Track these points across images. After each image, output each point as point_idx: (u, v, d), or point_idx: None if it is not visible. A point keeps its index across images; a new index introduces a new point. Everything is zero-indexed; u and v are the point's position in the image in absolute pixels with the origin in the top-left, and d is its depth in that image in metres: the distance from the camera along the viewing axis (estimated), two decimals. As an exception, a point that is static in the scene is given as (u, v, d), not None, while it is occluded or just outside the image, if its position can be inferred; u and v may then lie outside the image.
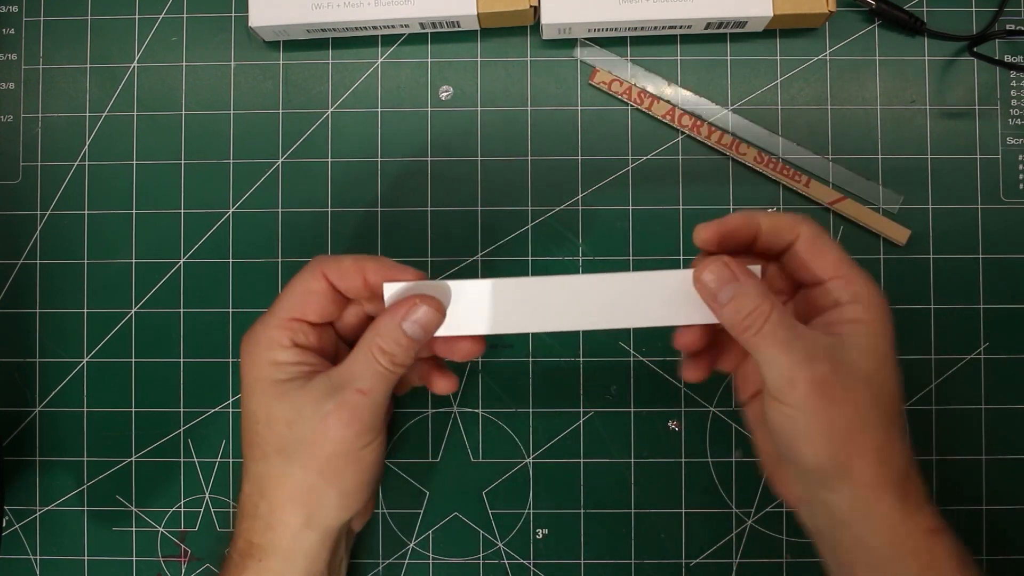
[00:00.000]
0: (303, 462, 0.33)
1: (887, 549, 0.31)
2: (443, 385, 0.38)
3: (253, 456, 0.34)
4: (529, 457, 0.43)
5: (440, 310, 0.34)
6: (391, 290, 0.34)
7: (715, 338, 0.36)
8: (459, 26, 0.43)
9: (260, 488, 0.34)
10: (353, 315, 0.37)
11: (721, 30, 0.43)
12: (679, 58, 0.43)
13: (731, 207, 0.43)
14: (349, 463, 0.34)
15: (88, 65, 0.44)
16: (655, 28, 0.42)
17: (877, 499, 0.31)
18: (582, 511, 0.43)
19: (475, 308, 0.34)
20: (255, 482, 0.34)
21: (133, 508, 0.43)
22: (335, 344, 0.37)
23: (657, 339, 0.43)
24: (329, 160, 0.43)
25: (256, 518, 0.34)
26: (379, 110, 0.44)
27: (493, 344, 0.43)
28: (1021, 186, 0.43)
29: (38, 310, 0.43)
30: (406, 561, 0.43)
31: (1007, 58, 0.43)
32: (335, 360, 0.36)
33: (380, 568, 0.43)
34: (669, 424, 0.43)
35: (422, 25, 0.42)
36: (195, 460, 0.43)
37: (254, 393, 0.34)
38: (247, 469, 0.35)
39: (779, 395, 0.31)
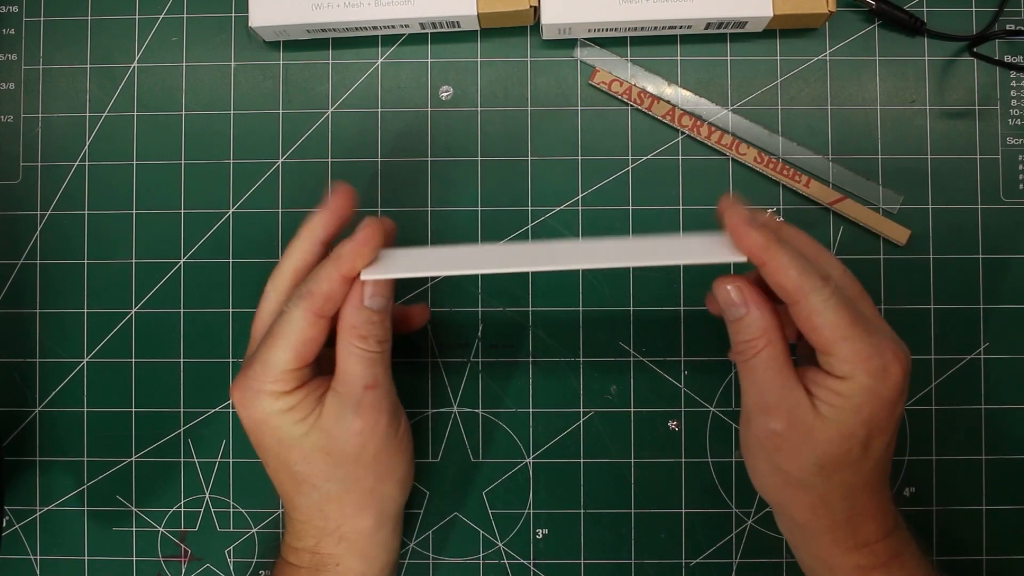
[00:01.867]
0: (356, 474, 0.34)
1: (821, 570, 0.35)
2: (418, 317, 0.39)
3: (301, 492, 0.35)
4: (529, 457, 0.43)
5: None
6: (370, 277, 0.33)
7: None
8: (459, 26, 0.43)
9: (320, 512, 0.35)
10: None
11: (721, 30, 0.43)
12: (679, 58, 0.43)
13: (731, 207, 0.43)
14: (393, 453, 0.35)
15: (88, 65, 0.44)
16: (655, 28, 0.42)
17: (812, 536, 0.34)
18: (582, 511, 0.43)
19: (453, 256, 0.34)
20: (310, 510, 0.35)
21: (133, 508, 0.43)
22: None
23: (657, 339, 0.43)
24: (329, 160, 0.43)
25: (324, 535, 0.35)
26: (379, 110, 0.44)
27: (493, 344, 0.43)
28: (1021, 186, 0.43)
29: (38, 310, 0.43)
30: (406, 561, 0.43)
31: (1007, 58, 0.43)
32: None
33: (380, 568, 0.43)
34: (669, 424, 0.43)
35: (422, 25, 0.42)
36: (195, 460, 0.43)
37: (280, 446, 0.34)
38: (294, 504, 0.35)
39: (743, 423, 0.34)
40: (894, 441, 0.34)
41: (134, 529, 0.43)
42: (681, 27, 0.42)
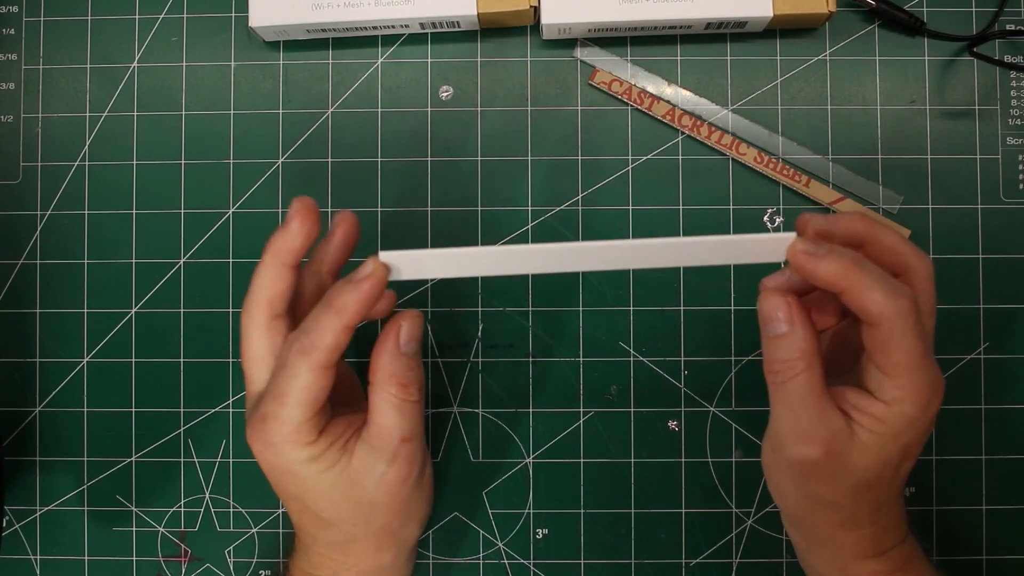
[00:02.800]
0: (382, 520, 0.34)
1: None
2: (383, 307, 0.36)
3: (325, 532, 0.34)
4: (529, 457, 0.43)
5: (418, 315, 0.33)
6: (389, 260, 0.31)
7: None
8: (459, 26, 0.43)
9: (341, 549, 0.35)
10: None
11: (721, 30, 0.43)
12: (679, 58, 0.43)
13: (731, 207, 0.43)
14: (419, 495, 0.35)
15: (88, 65, 0.44)
16: (655, 28, 0.42)
17: (835, 546, 0.34)
18: (582, 511, 0.43)
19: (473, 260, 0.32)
20: (331, 547, 0.35)
21: (133, 508, 0.43)
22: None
23: (657, 339, 0.43)
24: (329, 160, 0.43)
25: (342, 569, 0.35)
26: (379, 110, 0.44)
27: (493, 344, 0.43)
28: (1021, 186, 0.43)
29: (38, 310, 0.43)
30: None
31: (1007, 58, 0.43)
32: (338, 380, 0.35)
33: (380, 568, 0.43)
34: (669, 424, 0.43)
35: (422, 25, 0.42)
36: (195, 460, 0.43)
37: (307, 495, 0.33)
38: (315, 539, 0.35)
39: (772, 445, 0.33)
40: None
41: (134, 529, 0.43)
42: (681, 27, 0.42)
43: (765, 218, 0.43)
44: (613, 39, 0.43)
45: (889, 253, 0.32)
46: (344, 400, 0.36)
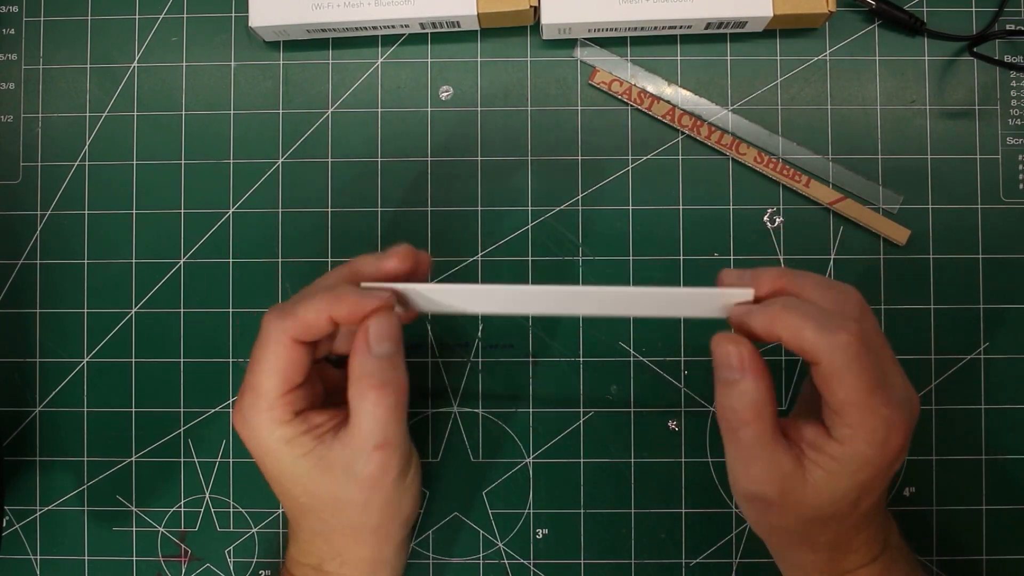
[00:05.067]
0: (362, 517, 0.34)
1: None
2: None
3: (306, 518, 0.35)
4: (529, 457, 0.43)
5: (389, 304, 0.32)
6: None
7: None
8: (459, 26, 0.43)
9: (324, 539, 0.35)
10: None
11: (721, 30, 0.43)
12: (679, 58, 0.43)
13: (731, 207, 0.43)
14: (401, 498, 0.34)
15: (88, 65, 0.44)
16: (655, 28, 0.42)
17: (799, 565, 0.34)
18: (582, 511, 0.43)
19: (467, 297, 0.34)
20: (314, 535, 0.35)
21: (133, 508, 0.43)
22: (320, 376, 0.36)
23: (657, 339, 0.43)
24: (329, 160, 0.43)
25: (327, 558, 0.35)
26: (379, 110, 0.44)
27: (493, 344, 0.43)
28: (1021, 186, 0.43)
29: (38, 310, 0.43)
30: (406, 561, 0.43)
31: (1007, 58, 0.43)
32: (324, 382, 0.36)
33: (380, 568, 0.43)
34: (669, 424, 0.43)
35: (422, 25, 0.42)
36: (195, 460, 0.43)
37: (284, 474, 0.33)
38: (300, 525, 0.35)
39: (730, 477, 0.33)
40: (888, 487, 0.33)
41: (134, 529, 0.43)
42: (681, 27, 0.42)
43: (765, 218, 0.43)
44: (613, 39, 0.43)
45: (814, 290, 0.32)
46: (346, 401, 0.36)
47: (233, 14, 0.44)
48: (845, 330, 0.29)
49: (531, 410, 0.43)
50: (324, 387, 0.36)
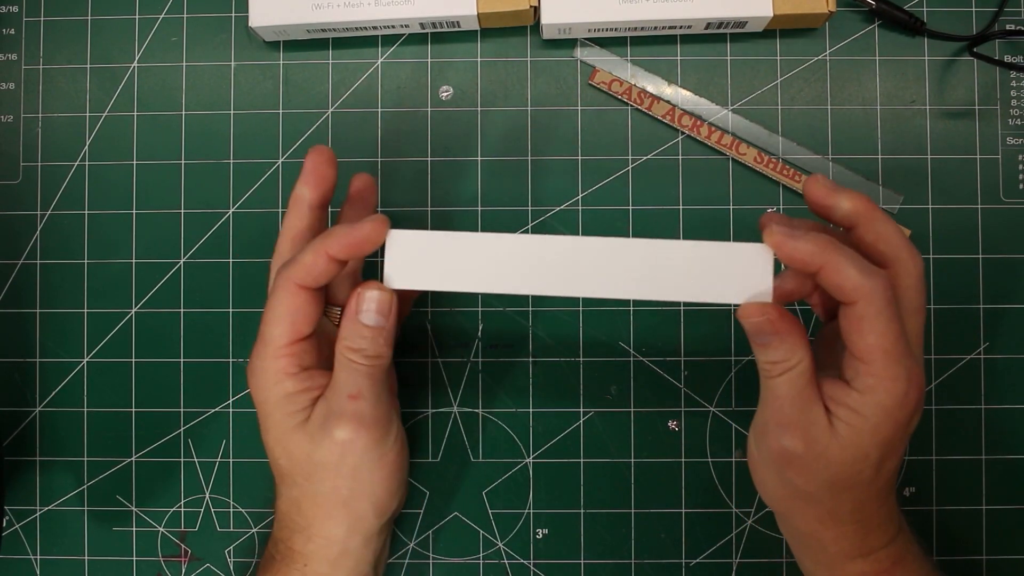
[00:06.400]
0: (332, 482, 0.34)
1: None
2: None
3: (284, 482, 0.35)
4: (529, 457, 0.43)
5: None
6: (395, 240, 0.33)
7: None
8: (459, 26, 0.43)
9: (296, 507, 0.35)
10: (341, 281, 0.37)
11: (721, 30, 0.43)
12: (679, 58, 0.43)
13: (731, 207, 0.43)
14: (375, 469, 0.35)
15: (88, 65, 0.44)
16: (655, 28, 0.42)
17: (817, 544, 0.34)
18: (582, 511, 0.43)
19: (483, 262, 0.32)
20: (290, 502, 0.35)
21: (133, 508, 0.43)
22: (330, 339, 0.36)
23: (657, 339, 0.43)
24: (329, 160, 0.43)
25: (296, 531, 0.35)
26: (379, 110, 0.44)
27: (493, 344, 0.43)
28: (1021, 186, 0.43)
29: (38, 310, 0.43)
30: (406, 561, 0.43)
31: (1007, 58, 0.43)
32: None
33: (380, 568, 0.43)
34: (669, 424, 0.43)
35: (422, 25, 0.42)
36: (195, 460, 0.43)
37: (271, 431, 0.35)
38: (279, 491, 0.36)
39: (756, 434, 0.34)
40: (903, 456, 0.33)
41: (134, 529, 0.43)
42: (681, 27, 0.42)
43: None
44: (613, 39, 0.43)
45: (882, 241, 0.32)
46: None
47: (233, 14, 0.44)
48: (883, 277, 0.30)
49: (531, 410, 0.43)
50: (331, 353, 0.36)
